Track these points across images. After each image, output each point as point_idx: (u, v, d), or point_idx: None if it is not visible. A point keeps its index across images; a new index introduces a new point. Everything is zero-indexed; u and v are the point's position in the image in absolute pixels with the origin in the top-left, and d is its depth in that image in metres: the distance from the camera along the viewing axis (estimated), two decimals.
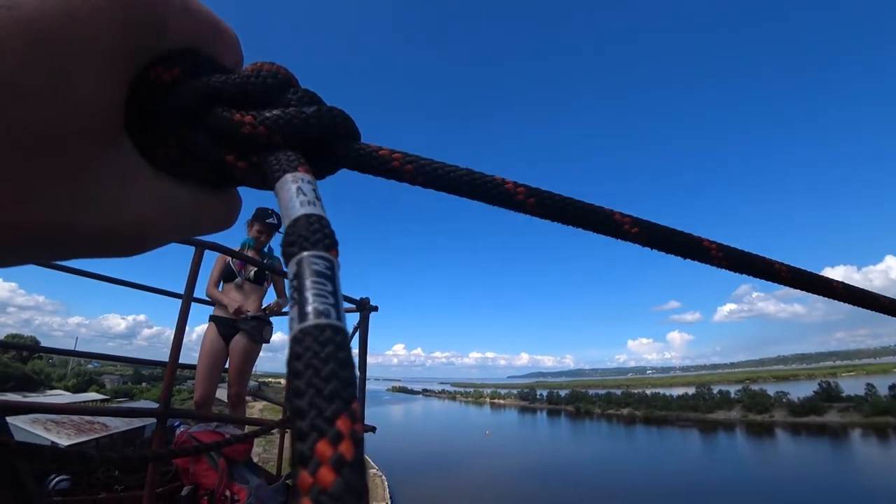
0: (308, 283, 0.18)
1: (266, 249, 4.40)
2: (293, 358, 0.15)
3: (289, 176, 0.24)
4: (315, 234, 0.20)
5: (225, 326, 4.13)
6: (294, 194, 0.23)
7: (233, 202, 0.33)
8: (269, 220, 4.31)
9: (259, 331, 4.08)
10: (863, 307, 0.44)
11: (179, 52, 0.27)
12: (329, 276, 0.18)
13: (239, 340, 4.05)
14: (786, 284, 0.40)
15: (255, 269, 4.22)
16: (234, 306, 4.04)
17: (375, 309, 4.23)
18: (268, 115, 0.28)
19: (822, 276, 0.41)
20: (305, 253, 0.19)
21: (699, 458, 60.89)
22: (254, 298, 4.23)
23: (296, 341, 0.16)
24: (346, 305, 4.18)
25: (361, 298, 4.20)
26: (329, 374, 0.15)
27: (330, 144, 0.31)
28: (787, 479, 47.15)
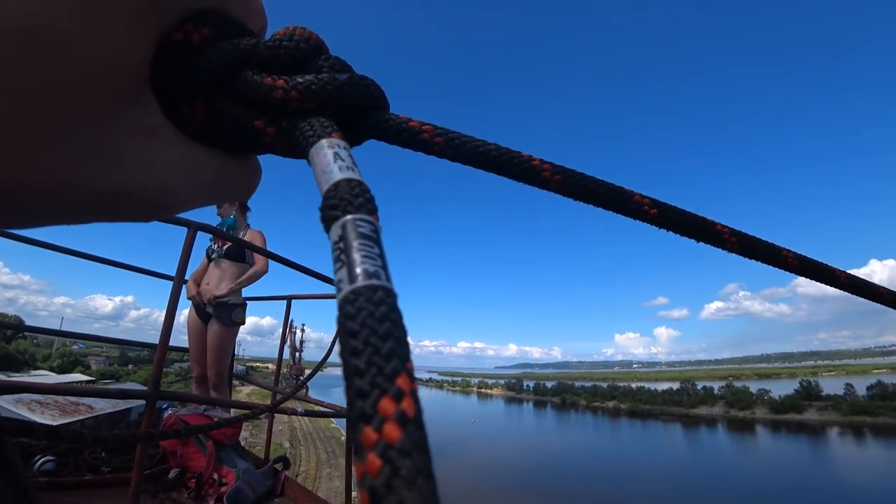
0: (355, 244, 0.18)
1: (229, 220, 4.38)
2: (346, 318, 0.15)
3: (324, 141, 0.24)
4: (357, 198, 0.20)
5: (200, 309, 4.20)
6: (332, 159, 0.23)
7: (255, 171, 0.33)
8: None
9: (228, 314, 4.07)
10: (864, 297, 0.45)
11: (209, 12, 0.26)
12: (375, 240, 0.18)
13: (212, 325, 4.08)
14: (793, 272, 0.40)
15: (228, 244, 4.23)
16: (189, 294, 4.15)
17: None
18: (300, 80, 0.27)
19: (828, 266, 0.41)
20: (349, 216, 0.19)
21: (681, 452, 61.92)
22: (231, 275, 4.21)
23: (347, 302, 0.16)
24: (334, 292, 4.19)
25: None
26: (385, 333, 0.15)
27: (362, 113, 0.30)
28: (764, 475, 48.17)
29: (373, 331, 0.15)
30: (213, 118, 0.28)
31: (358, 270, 0.17)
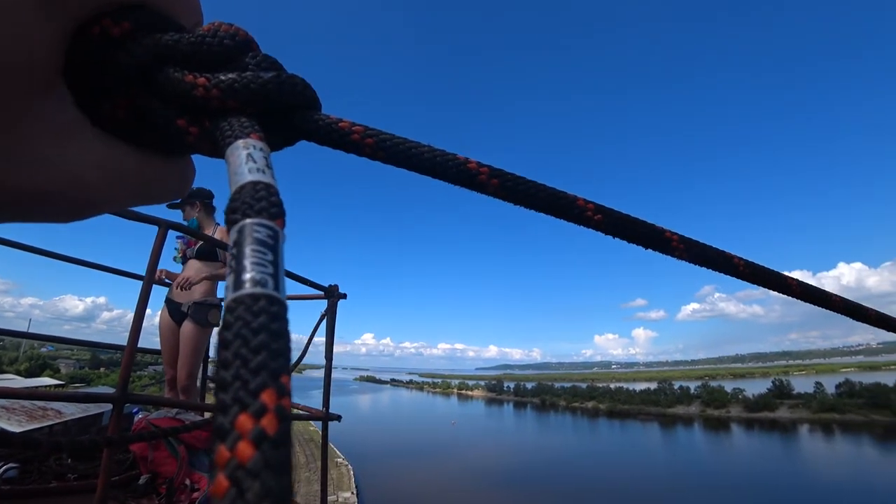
0: (247, 251, 0.17)
1: (192, 223, 4.28)
2: (224, 328, 0.15)
3: (240, 142, 0.23)
4: (260, 201, 0.19)
5: (174, 310, 4.10)
6: (244, 160, 0.22)
7: (186, 171, 0.31)
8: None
9: (204, 315, 3.98)
10: (815, 304, 0.45)
11: (131, 5, 0.25)
12: (271, 246, 0.18)
13: (186, 325, 3.99)
14: (743, 279, 0.40)
15: (199, 244, 4.16)
16: (156, 276, 3.93)
17: (344, 296, 4.14)
18: (223, 78, 0.27)
19: (779, 273, 0.41)
20: (248, 220, 0.18)
21: (659, 451, 62.88)
22: (204, 275, 4.11)
23: (228, 310, 0.15)
24: (314, 292, 4.11)
25: (330, 285, 4.13)
26: (259, 346, 0.14)
27: (288, 113, 0.29)
28: (739, 471, 49.24)
29: (245, 342, 0.14)
30: (135, 116, 0.27)
31: (245, 277, 0.16)
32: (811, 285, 0.44)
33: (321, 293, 4.13)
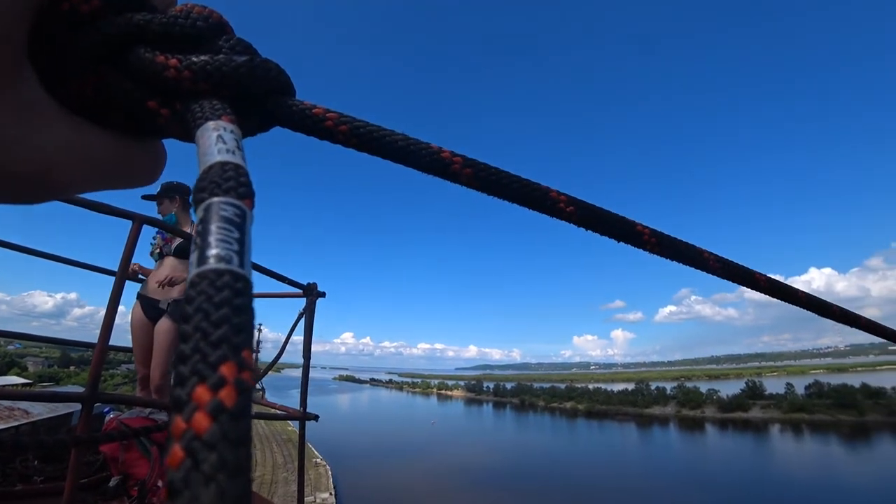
0: (213, 227, 0.17)
1: (170, 219, 4.18)
2: (186, 302, 0.15)
3: (210, 124, 0.23)
4: (228, 181, 0.19)
5: (149, 306, 3.99)
6: (213, 142, 0.22)
7: (157, 155, 0.31)
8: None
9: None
10: (782, 300, 0.46)
11: None
12: (237, 224, 0.18)
13: (163, 323, 3.89)
14: (713, 274, 0.41)
15: (178, 241, 4.05)
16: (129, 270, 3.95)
17: (322, 295, 4.09)
18: (195, 59, 0.26)
19: (748, 269, 0.42)
20: (215, 199, 0.18)
21: (635, 450, 63.85)
22: (181, 273, 4.02)
23: (191, 285, 0.15)
24: (293, 290, 4.06)
25: (309, 283, 4.08)
26: (220, 320, 0.14)
27: (261, 98, 0.29)
28: (713, 470, 50.27)
29: (206, 315, 0.14)
30: (104, 96, 0.27)
31: (209, 253, 0.16)
32: (778, 281, 0.45)
33: (299, 291, 4.08)
